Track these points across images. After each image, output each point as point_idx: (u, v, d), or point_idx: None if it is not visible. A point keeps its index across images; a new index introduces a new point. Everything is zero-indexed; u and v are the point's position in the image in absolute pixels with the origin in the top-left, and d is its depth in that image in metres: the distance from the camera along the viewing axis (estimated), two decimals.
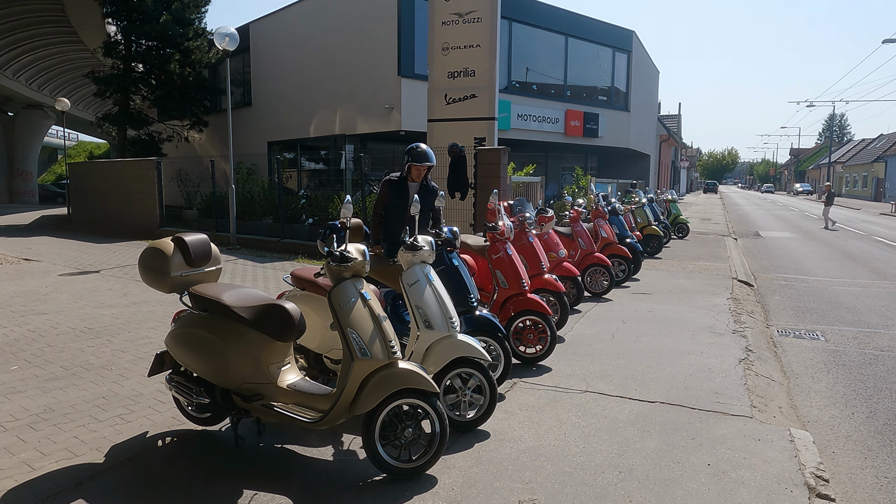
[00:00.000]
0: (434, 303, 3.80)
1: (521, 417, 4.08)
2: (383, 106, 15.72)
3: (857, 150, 62.09)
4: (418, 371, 3.23)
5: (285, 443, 3.69)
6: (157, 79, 20.15)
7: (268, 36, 19.84)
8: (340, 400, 3.18)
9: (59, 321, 6.46)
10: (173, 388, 3.63)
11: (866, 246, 15.79)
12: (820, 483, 3.29)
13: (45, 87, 31.29)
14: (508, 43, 18.54)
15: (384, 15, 15.64)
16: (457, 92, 10.50)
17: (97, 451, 3.53)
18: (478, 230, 9.28)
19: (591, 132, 21.58)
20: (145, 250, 3.68)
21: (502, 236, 5.41)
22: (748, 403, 4.38)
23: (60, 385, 4.57)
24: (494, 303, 5.38)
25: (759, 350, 5.86)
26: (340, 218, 3.42)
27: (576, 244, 8.15)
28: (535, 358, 5.18)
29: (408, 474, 3.22)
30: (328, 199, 12.90)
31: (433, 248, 3.97)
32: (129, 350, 5.46)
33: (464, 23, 10.32)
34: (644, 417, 4.11)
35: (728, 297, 8.19)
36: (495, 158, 9.52)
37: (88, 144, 58.63)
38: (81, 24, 23.18)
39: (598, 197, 9.65)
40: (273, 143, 20.21)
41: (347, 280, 3.28)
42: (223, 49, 12.60)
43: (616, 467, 3.41)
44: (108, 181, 16.59)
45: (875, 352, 6.13)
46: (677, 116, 51.39)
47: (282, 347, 3.47)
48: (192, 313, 3.59)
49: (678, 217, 16.64)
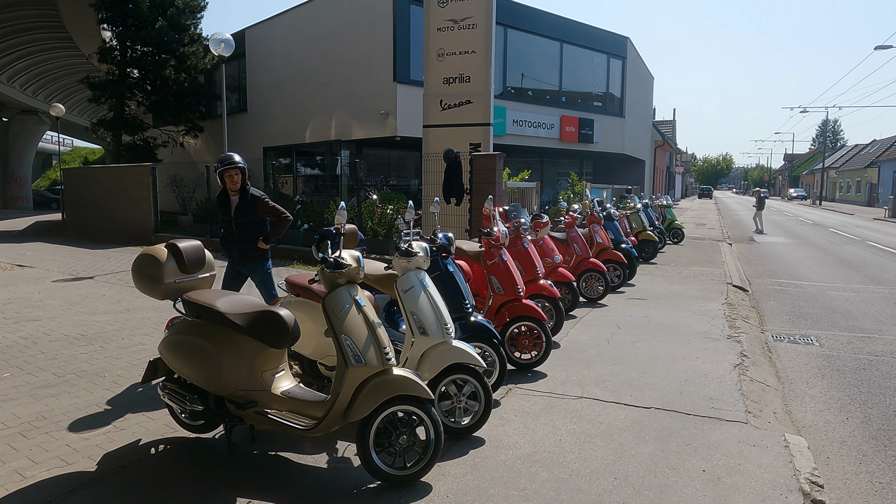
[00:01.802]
0: (429, 309, 3.79)
1: (516, 424, 4.07)
2: (379, 112, 15.74)
3: (850, 156, 62.49)
4: (413, 378, 3.22)
5: (279, 450, 3.67)
6: (152, 84, 20.13)
7: (263, 42, 19.85)
8: (335, 407, 3.16)
9: (52, 328, 6.42)
10: (167, 396, 3.61)
11: (860, 251, 15.87)
12: (815, 489, 3.29)
13: (39, 93, 31.22)
14: (504, 49, 18.62)
15: (380, 21, 15.68)
16: (452, 98, 10.53)
17: (89, 459, 3.50)
18: (473, 236, 9.28)
19: (586, 138, 21.66)
20: (139, 257, 3.67)
21: (497, 242, 5.41)
22: (743, 409, 4.38)
23: (53, 392, 4.54)
24: (489, 309, 5.38)
25: (754, 355, 5.87)
26: (335, 224, 3.41)
27: (571, 250, 8.17)
28: (530, 364, 5.18)
29: (402, 481, 3.21)
30: (324, 204, 12.91)
31: (428, 253, 3.97)
32: (122, 357, 5.43)
33: (459, 29, 10.35)
34: (639, 423, 4.10)
35: (723, 303, 8.21)
36: (490, 164, 9.53)
37: (83, 150, 58.44)
38: (76, 29, 23.16)
39: (594, 202, 9.68)
40: (269, 148, 20.20)
41: (342, 286, 3.28)
42: (218, 55, 12.60)
43: (611, 474, 3.40)
44: (102, 187, 16.53)
45: (869, 357, 6.15)
46: (672, 122, 51.61)
47: (276, 354, 3.45)
48: (185, 320, 3.58)
49: (673, 222, 16.70)
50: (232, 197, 5.17)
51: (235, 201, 5.15)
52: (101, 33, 21.40)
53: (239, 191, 5.12)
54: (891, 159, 45.26)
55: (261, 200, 5.12)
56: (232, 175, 5.03)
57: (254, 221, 5.17)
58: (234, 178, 5.04)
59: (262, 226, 5.25)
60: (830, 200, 59.84)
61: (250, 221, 5.16)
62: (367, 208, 11.72)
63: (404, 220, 4.16)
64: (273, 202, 5.24)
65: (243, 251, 5.23)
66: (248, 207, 5.13)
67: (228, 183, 5.06)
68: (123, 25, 19.27)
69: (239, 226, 5.17)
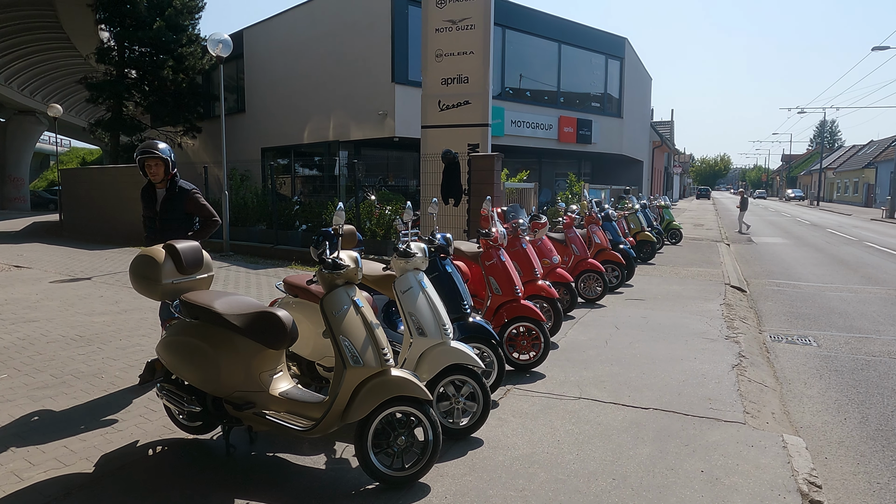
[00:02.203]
0: (427, 310, 3.79)
1: (514, 425, 4.07)
2: (377, 112, 15.73)
3: (847, 156, 62.68)
4: (411, 378, 3.21)
5: (277, 451, 3.66)
6: (150, 85, 20.10)
7: (261, 42, 19.84)
8: (333, 408, 3.16)
9: (49, 329, 6.40)
10: (164, 397, 3.60)
11: (858, 251, 15.90)
12: (813, 489, 3.29)
13: (37, 93, 31.17)
14: (502, 50, 18.62)
15: (378, 21, 15.67)
16: (450, 98, 10.52)
17: (87, 460, 3.49)
18: (471, 236, 9.28)
19: (584, 138, 21.67)
20: (136, 257, 3.66)
21: (496, 242, 5.41)
22: (741, 409, 4.38)
23: (50, 394, 4.53)
24: (488, 309, 5.38)
25: (752, 356, 5.88)
26: (333, 225, 3.40)
27: (569, 250, 8.17)
28: (528, 364, 5.18)
29: (401, 482, 3.21)
30: (322, 205, 12.89)
31: (426, 254, 3.97)
32: (120, 358, 5.42)
33: (457, 30, 10.35)
34: (637, 424, 4.10)
35: (721, 303, 8.22)
36: (489, 165, 9.53)
37: (81, 150, 58.37)
38: (74, 30, 23.13)
39: (592, 203, 9.68)
40: (267, 149, 20.18)
41: (340, 287, 3.27)
42: (217, 55, 12.60)
43: (610, 474, 3.40)
44: (100, 187, 16.50)
45: (867, 357, 6.16)
46: (670, 123, 51.68)
47: (274, 355, 3.45)
48: (183, 321, 3.57)
49: (671, 223, 16.72)
50: (158, 190, 4.75)
51: (162, 194, 4.74)
52: (98, 34, 21.38)
53: (166, 183, 4.73)
54: (888, 160, 45.37)
55: (191, 194, 4.74)
56: (151, 165, 4.61)
57: (181, 217, 4.75)
58: (153, 169, 4.62)
59: (189, 223, 4.83)
60: (828, 201, 59.99)
61: (178, 217, 4.75)
62: (366, 209, 11.72)
63: (402, 220, 4.16)
64: (205, 200, 4.88)
65: None
66: (176, 201, 4.72)
67: (149, 174, 4.66)
68: (121, 26, 19.26)
69: (164, 222, 4.72)
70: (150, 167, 4.62)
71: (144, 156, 4.57)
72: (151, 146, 4.59)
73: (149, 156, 4.57)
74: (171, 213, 4.72)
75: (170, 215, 4.72)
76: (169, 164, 4.65)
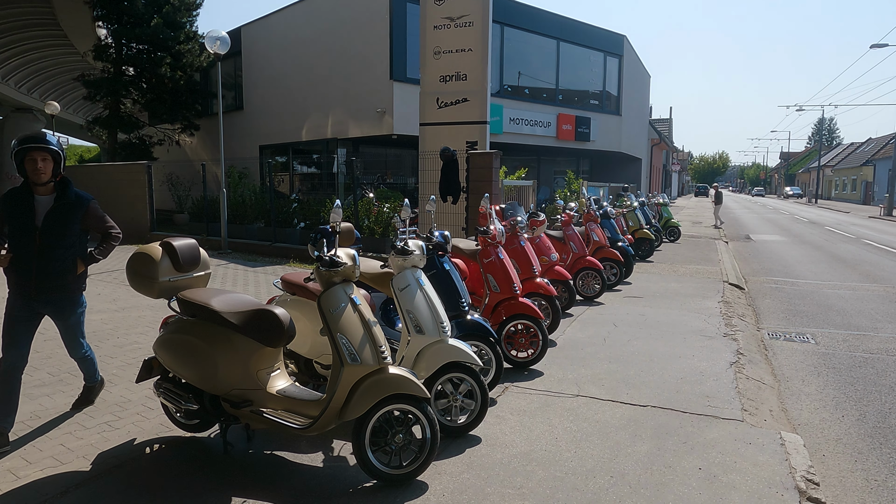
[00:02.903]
0: (425, 307, 3.78)
1: (512, 422, 4.07)
2: (375, 110, 15.71)
3: (846, 154, 62.69)
4: (409, 376, 3.21)
5: (275, 449, 3.65)
6: (147, 82, 20.06)
7: (259, 40, 19.79)
8: (330, 406, 3.15)
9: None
10: (161, 395, 3.59)
11: (856, 249, 15.92)
12: (810, 486, 3.29)
13: (34, 91, 31.04)
14: (500, 47, 18.59)
15: (376, 19, 15.64)
16: (449, 96, 10.51)
17: (84, 458, 3.49)
18: (469, 234, 9.28)
19: (582, 136, 21.67)
20: (133, 255, 3.64)
21: (494, 240, 5.40)
22: (739, 407, 4.38)
23: (47, 392, 4.52)
24: (486, 307, 5.37)
25: (750, 353, 5.88)
26: (331, 222, 3.39)
27: (567, 248, 8.17)
28: (526, 362, 5.17)
29: (398, 480, 3.20)
30: (320, 203, 12.87)
31: (424, 252, 3.96)
32: (117, 356, 5.41)
33: (456, 27, 10.33)
34: (635, 421, 4.10)
35: (719, 301, 8.22)
36: (487, 162, 9.52)
37: (78, 148, 58.22)
38: (72, 27, 23.03)
39: (590, 200, 9.68)
40: (265, 146, 20.15)
41: (337, 285, 3.26)
42: (214, 52, 12.56)
43: (608, 472, 3.40)
44: (98, 185, 16.43)
45: (865, 354, 6.17)
46: (669, 120, 51.73)
47: (271, 353, 3.44)
48: (180, 319, 3.56)
49: (669, 220, 16.72)
50: (40, 197, 3.61)
51: (48, 203, 3.60)
52: (96, 31, 21.32)
53: (52, 188, 3.64)
54: (886, 157, 45.40)
55: (92, 205, 3.76)
56: (36, 160, 3.51)
57: (74, 233, 3.68)
58: (38, 165, 3.51)
59: (82, 242, 3.78)
60: (826, 198, 60.06)
61: (69, 233, 3.65)
62: (364, 206, 11.70)
63: (401, 218, 4.15)
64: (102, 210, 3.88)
65: (48, 279, 3.60)
66: (66, 213, 3.62)
67: (30, 172, 3.52)
68: (118, 23, 19.20)
69: (45, 238, 3.56)
70: (33, 162, 3.52)
71: (27, 146, 3.49)
72: (37, 136, 3.54)
73: (34, 147, 3.50)
74: (58, 229, 3.61)
75: (57, 230, 3.60)
76: (60, 162, 3.62)
